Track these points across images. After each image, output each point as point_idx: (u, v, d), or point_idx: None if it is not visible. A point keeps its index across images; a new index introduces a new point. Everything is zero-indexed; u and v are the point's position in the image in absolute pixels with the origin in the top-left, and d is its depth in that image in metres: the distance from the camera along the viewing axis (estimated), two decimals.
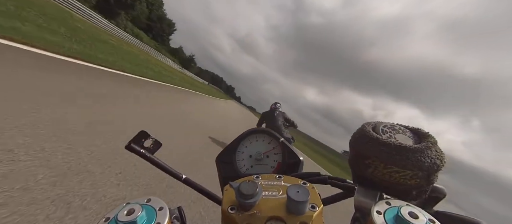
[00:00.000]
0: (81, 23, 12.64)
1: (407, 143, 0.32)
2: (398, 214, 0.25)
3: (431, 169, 0.31)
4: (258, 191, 0.29)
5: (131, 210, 0.26)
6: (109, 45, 11.45)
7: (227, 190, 0.33)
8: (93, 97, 3.64)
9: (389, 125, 0.37)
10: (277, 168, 0.49)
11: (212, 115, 10.97)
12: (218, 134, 6.30)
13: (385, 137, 0.33)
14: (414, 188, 0.32)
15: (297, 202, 0.28)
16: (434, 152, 0.32)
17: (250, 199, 0.28)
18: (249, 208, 0.29)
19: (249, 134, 0.52)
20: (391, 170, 0.32)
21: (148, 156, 0.41)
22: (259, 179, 0.36)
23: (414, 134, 0.37)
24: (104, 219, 0.26)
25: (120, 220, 0.25)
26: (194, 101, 12.58)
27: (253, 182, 0.30)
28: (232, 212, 0.29)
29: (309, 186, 0.34)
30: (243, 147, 0.52)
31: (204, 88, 36.56)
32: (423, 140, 0.34)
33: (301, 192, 0.29)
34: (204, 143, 4.82)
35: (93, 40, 9.14)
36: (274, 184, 0.34)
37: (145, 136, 0.42)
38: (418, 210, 0.25)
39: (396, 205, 0.27)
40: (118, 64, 7.76)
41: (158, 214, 0.27)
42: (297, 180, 0.36)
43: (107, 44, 11.34)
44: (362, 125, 0.37)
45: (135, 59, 12.72)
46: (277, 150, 0.50)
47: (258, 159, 0.50)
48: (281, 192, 0.32)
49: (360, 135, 0.35)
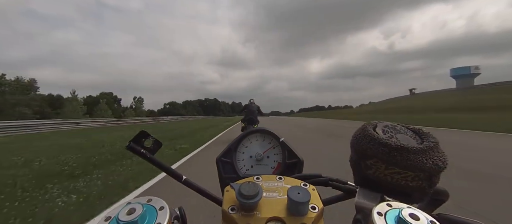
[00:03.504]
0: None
1: (409, 143, 0.32)
2: (399, 216, 0.24)
3: (433, 171, 0.30)
4: (259, 192, 0.29)
5: (132, 209, 0.26)
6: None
7: (227, 191, 0.33)
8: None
9: (390, 125, 0.37)
10: (277, 168, 0.49)
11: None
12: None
13: (386, 137, 0.33)
14: (416, 190, 0.32)
15: (298, 203, 0.28)
16: (436, 152, 0.31)
17: (251, 200, 0.28)
18: (250, 209, 0.29)
19: (249, 134, 0.52)
20: (392, 172, 0.32)
21: (148, 156, 0.41)
22: (260, 180, 0.36)
23: (415, 134, 0.36)
24: (105, 218, 0.26)
25: (121, 220, 0.25)
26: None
27: (254, 183, 0.30)
28: (232, 213, 0.29)
29: (310, 187, 0.34)
30: (243, 147, 0.51)
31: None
32: (425, 140, 0.34)
33: (302, 193, 0.29)
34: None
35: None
36: (275, 185, 0.34)
37: (145, 135, 0.41)
38: (419, 212, 0.25)
39: (397, 207, 0.27)
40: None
41: (159, 214, 0.27)
42: (297, 182, 0.36)
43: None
44: (363, 125, 0.37)
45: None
46: (277, 150, 0.50)
47: (258, 160, 0.50)
48: (281, 193, 0.32)
49: (361, 135, 0.35)
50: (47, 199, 2.69)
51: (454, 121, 13.57)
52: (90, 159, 4.98)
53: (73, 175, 3.74)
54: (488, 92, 46.30)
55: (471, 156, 4.50)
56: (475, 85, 79.81)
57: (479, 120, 13.32)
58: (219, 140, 8.77)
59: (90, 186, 3.16)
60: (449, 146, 4.98)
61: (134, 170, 3.95)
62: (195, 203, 2.00)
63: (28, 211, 2.37)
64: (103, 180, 3.43)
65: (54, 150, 6.52)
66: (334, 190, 0.42)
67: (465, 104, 32.75)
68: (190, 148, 6.51)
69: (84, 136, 11.19)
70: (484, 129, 9.13)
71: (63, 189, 3.03)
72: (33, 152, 6.36)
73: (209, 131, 12.63)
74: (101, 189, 3.04)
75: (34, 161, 4.94)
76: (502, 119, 12.85)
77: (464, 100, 38.16)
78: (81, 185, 3.22)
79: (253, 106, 7.75)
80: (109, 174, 3.75)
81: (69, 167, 4.26)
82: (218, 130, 13.36)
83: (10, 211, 2.39)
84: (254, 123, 7.43)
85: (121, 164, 4.49)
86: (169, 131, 13.38)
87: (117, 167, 4.26)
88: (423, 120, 16.38)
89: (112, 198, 2.72)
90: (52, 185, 3.22)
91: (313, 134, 9.80)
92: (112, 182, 3.37)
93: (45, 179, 3.49)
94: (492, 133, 8.23)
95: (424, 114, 27.81)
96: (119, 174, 3.80)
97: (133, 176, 3.61)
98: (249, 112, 7.63)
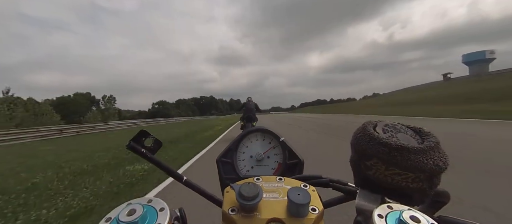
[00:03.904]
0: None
1: (409, 143, 0.31)
2: (400, 218, 0.24)
3: (434, 171, 0.30)
4: (259, 193, 0.29)
5: (132, 210, 0.26)
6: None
7: (228, 191, 0.33)
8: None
9: (390, 124, 0.37)
10: (277, 169, 0.49)
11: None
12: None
13: (386, 137, 0.32)
14: (417, 191, 0.32)
15: (298, 204, 0.28)
16: (437, 153, 0.31)
17: (251, 201, 0.28)
18: (250, 210, 0.29)
19: (249, 134, 0.52)
20: (392, 172, 0.31)
21: (149, 156, 0.41)
22: (260, 181, 0.36)
23: (415, 133, 0.36)
24: (106, 219, 0.26)
25: (122, 221, 0.25)
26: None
27: (254, 184, 0.30)
28: (232, 214, 0.29)
29: (310, 188, 0.34)
30: (244, 147, 0.51)
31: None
32: (425, 140, 0.33)
33: (302, 195, 0.29)
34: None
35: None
36: (275, 186, 0.34)
37: (145, 135, 0.42)
38: (420, 215, 0.25)
39: (398, 209, 0.27)
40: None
41: (159, 215, 0.27)
42: (298, 183, 0.35)
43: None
44: (363, 124, 0.36)
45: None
46: (277, 150, 0.50)
47: (258, 160, 0.49)
48: (282, 195, 0.32)
49: (360, 135, 0.35)
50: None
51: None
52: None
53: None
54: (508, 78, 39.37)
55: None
56: (491, 71, 75.61)
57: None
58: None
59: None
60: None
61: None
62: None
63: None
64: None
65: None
66: (334, 192, 0.42)
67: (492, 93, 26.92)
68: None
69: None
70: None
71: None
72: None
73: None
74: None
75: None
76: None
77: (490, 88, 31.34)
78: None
79: (251, 104, 7.97)
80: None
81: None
82: (178, 154, 6.01)
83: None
84: (252, 120, 7.69)
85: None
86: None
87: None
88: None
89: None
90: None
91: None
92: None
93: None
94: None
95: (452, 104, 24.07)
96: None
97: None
98: (247, 110, 7.85)
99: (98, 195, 3.16)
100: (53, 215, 2.57)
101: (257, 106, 8.20)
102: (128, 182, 3.69)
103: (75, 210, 2.67)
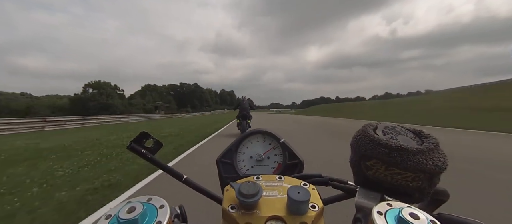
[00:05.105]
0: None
1: (409, 144, 0.32)
2: (399, 215, 0.24)
3: (433, 171, 0.30)
4: (259, 191, 0.29)
5: (132, 208, 0.26)
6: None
7: (227, 190, 0.33)
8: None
9: (390, 127, 0.37)
10: (277, 169, 0.49)
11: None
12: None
13: (386, 138, 0.33)
14: (416, 190, 0.32)
15: (298, 202, 0.28)
16: (436, 153, 0.31)
17: (250, 199, 0.28)
18: (250, 208, 0.29)
19: (249, 135, 0.52)
20: (392, 172, 0.32)
21: (149, 156, 0.41)
22: (260, 180, 0.36)
23: (415, 135, 0.37)
24: (106, 216, 0.26)
25: (122, 218, 0.25)
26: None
27: (253, 183, 0.30)
28: (232, 211, 0.29)
29: (310, 187, 0.34)
30: (244, 148, 0.51)
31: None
32: (425, 141, 0.34)
33: (302, 193, 0.29)
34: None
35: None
36: (275, 184, 0.34)
37: (146, 136, 0.42)
38: (419, 212, 0.25)
39: (397, 207, 0.27)
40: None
41: (159, 212, 0.27)
42: (297, 181, 0.36)
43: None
44: (363, 127, 0.37)
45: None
46: (277, 151, 0.50)
47: (258, 160, 0.50)
48: (281, 193, 0.32)
49: (361, 136, 0.35)
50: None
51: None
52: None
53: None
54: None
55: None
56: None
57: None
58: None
59: None
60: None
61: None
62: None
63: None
64: None
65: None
66: (334, 190, 0.42)
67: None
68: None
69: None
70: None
71: None
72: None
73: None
74: None
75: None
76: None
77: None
78: None
79: (245, 102, 8.33)
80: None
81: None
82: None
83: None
84: (247, 118, 8.00)
85: None
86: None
87: None
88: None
89: None
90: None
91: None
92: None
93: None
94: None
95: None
96: None
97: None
98: (242, 108, 8.20)
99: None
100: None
101: (250, 104, 8.56)
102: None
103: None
